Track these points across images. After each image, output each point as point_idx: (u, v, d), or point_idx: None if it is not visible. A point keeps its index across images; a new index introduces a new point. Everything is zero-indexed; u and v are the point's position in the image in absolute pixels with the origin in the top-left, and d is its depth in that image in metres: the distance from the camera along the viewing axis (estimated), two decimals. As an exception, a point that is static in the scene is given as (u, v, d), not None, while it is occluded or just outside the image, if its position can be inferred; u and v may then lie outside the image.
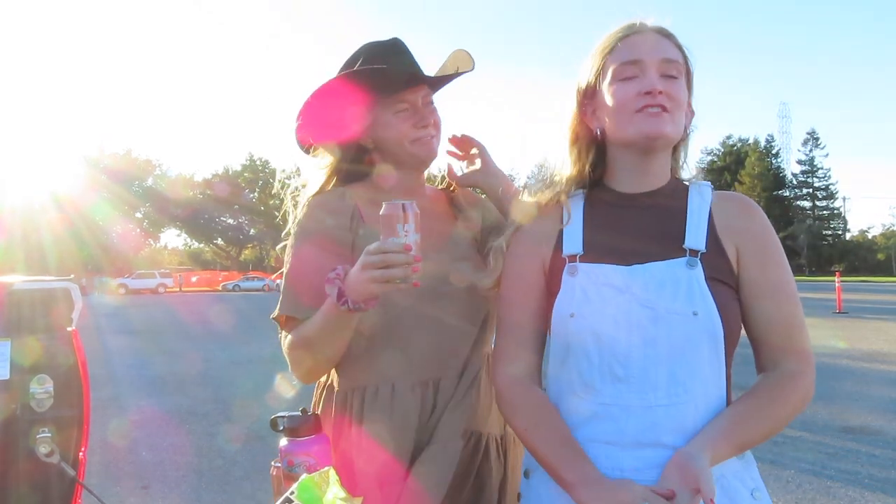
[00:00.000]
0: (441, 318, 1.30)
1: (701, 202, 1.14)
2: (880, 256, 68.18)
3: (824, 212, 69.91)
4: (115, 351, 10.29)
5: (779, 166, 70.14)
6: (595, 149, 1.19)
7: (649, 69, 1.08)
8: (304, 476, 0.93)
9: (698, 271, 1.05)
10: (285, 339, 1.29)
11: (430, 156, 1.38)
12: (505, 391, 1.14)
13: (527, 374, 1.14)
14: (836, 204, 70.10)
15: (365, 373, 1.31)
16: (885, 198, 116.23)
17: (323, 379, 1.40)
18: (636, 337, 1.04)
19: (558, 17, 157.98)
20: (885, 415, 5.79)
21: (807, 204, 70.19)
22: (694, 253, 1.07)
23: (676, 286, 1.04)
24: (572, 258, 1.12)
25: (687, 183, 1.19)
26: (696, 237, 1.09)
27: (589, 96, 1.17)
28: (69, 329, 1.53)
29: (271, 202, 61.63)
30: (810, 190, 69.74)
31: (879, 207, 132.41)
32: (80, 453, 1.50)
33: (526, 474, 1.17)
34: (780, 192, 69.01)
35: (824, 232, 68.70)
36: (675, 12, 1.16)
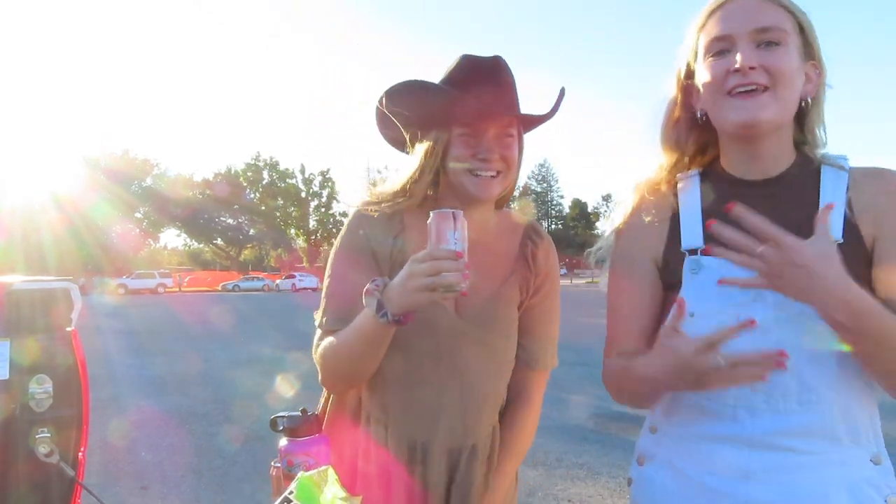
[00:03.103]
0: (464, 366, 1.25)
1: (836, 184, 1.01)
2: (880, 257, 68.00)
3: (824, 212, 69.67)
4: (114, 351, 10.27)
5: (778, 166, 69.93)
6: (699, 131, 1.10)
7: (740, 42, 0.97)
8: (302, 475, 0.92)
9: None
10: (318, 346, 1.26)
11: (483, 195, 1.22)
12: (611, 376, 1.12)
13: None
14: (836, 204, 69.92)
15: (383, 409, 1.27)
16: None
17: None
18: (762, 340, 0.95)
19: (558, 17, 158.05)
20: (885, 415, 5.75)
21: (806, 204, 69.97)
22: None
23: None
24: (693, 252, 1.04)
25: (818, 162, 1.05)
26: (830, 226, 0.94)
27: (690, 77, 1.08)
28: (69, 329, 1.53)
29: (273, 203, 61.64)
30: (810, 190, 69.55)
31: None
32: (80, 453, 1.50)
33: (639, 461, 1.15)
34: (779, 192, 68.79)
35: (824, 232, 68.40)
36: (673, 12, 1.11)
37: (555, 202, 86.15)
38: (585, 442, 5.02)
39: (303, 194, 64.42)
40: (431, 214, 1.04)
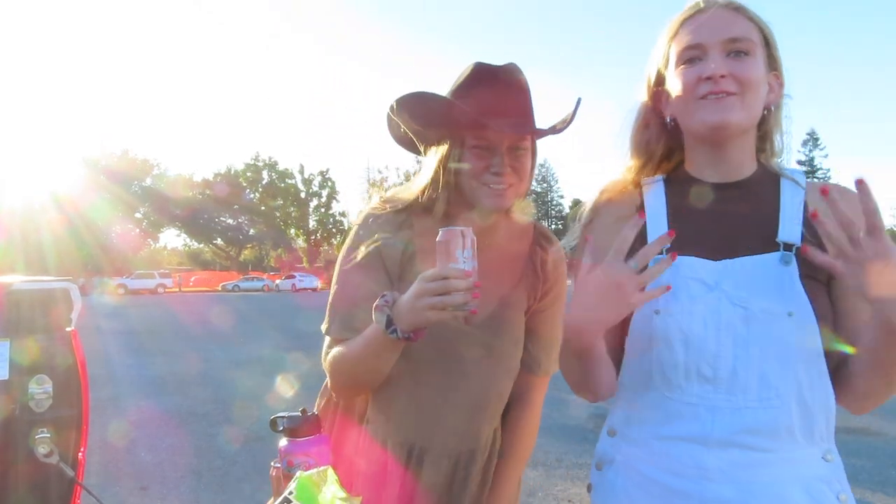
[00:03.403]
0: (468, 370, 1.26)
1: (794, 192, 1.07)
2: (880, 257, 68.05)
3: (824, 212, 69.73)
4: (114, 351, 10.28)
5: (778, 167, 70.09)
6: (667, 136, 1.14)
7: (711, 51, 1.02)
8: (301, 474, 0.92)
9: (793, 268, 0.99)
10: (327, 354, 1.26)
11: (496, 206, 1.21)
12: (560, 365, 1.15)
13: None
14: (836, 204, 69.95)
15: (385, 410, 1.28)
16: (886, 198, 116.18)
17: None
18: (726, 337, 0.99)
19: (558, 17, 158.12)
20: (885, 415, 5.78)
21: (806, 204, 70.06)
22: (788, 247, 1.01)
23: (769, 284, 0.99)
24: (658, 252, 1.05)
25: (777, 171, 1.11)
26: (790, 230, 1.02)
27: (660, 83, 1.12)
28: (68, 329, 1.53)
29: (272, 202, 61.67)
30: (810, 190, 69.61)
31: (880, 208, 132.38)
32: (80, 454, 1.50)
33: (598, 466, 1.16)
34: (779, 192, 68.86)
35: (824, 232, 68.46)
36: (674, 13, 1.12)
37: (555, 202, 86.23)
38: (585, 442, 5.02)
39: (302, 194, 64.43)
40: (440, 232, 1.03)
